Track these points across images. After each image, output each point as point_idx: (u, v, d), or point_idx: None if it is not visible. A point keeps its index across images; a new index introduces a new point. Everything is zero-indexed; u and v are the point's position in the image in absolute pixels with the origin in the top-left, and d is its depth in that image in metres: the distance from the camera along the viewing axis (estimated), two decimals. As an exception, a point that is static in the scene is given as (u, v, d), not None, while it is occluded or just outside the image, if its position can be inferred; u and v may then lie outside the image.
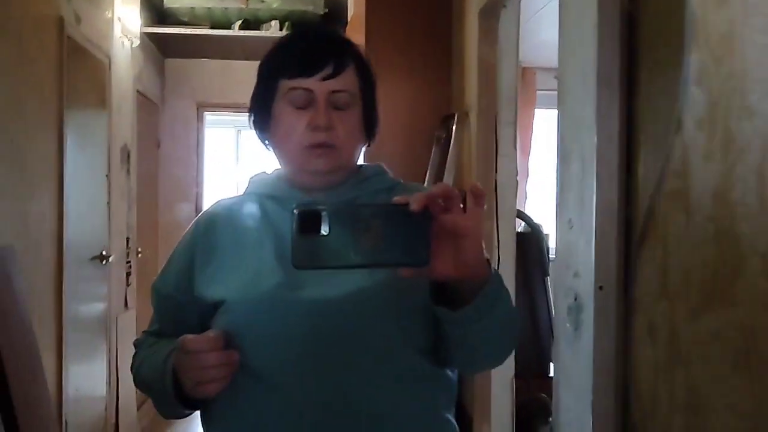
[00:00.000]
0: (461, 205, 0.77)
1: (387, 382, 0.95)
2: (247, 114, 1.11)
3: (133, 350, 1.15)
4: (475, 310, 0.84)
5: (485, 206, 0.79)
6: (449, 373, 1.04)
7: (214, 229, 1.07)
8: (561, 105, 1.69)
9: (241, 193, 1.13)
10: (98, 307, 3.43)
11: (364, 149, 1.12)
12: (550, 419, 1.81)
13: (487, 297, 0.84)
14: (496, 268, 2.64)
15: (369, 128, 1.09)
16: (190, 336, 0.94)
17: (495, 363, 1.04)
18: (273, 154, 1.10)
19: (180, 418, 1.06)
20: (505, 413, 2.64)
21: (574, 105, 1.60)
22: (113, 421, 3.62)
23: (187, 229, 1.13)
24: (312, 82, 1.00)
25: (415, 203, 0.73)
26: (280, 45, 1.07)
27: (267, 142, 1.10)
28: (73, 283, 2.94)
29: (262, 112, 1.07)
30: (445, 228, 0.75)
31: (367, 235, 0.72)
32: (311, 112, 1.01)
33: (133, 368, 1.12)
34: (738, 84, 0.57)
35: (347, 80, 1.03)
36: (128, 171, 3.89)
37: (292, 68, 1.02)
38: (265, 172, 1.14)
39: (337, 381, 0.94)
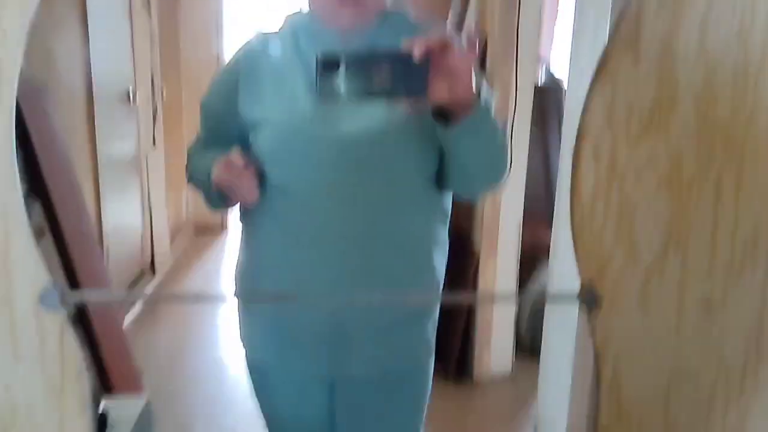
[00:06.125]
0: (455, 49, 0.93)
1: (397, 199, 1.15)
2: None
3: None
4: (465, 126, 1.01)
5: (477, 51, 0.96)
6: (445, 198, 1.24)
7: (255, 56, 1.21)
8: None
9: (277, 30, 1.25)
10: (128, 145, 3.58)
11: None
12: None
13: (475, 118, 1.01)
14: (513, 118, 2.68)
15: None
16: (216, 167, 1.14)
17: (485, 184, 1.20)
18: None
19: (226, 210, 1.29)
20: (512, 252, 2.83)
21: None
22: (149, 251, 3.91)
23: (231, 57, 1.27)
24: None
25: (416, 49, 0.89)
26: None
27: None
28: (104, 122, 3.07)
29: None
30: (440, 67, 0.92)
31: (377, 75, 0.89)
32: None
33: (187, 172, 1.32)
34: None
35: None
36: (149, 12, 3.87)
37: None
38: (300, 12, 1.25)
39: (356, 198, 1.13)
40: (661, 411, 0.72)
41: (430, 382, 1.33)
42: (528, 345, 3.09)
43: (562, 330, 1.76)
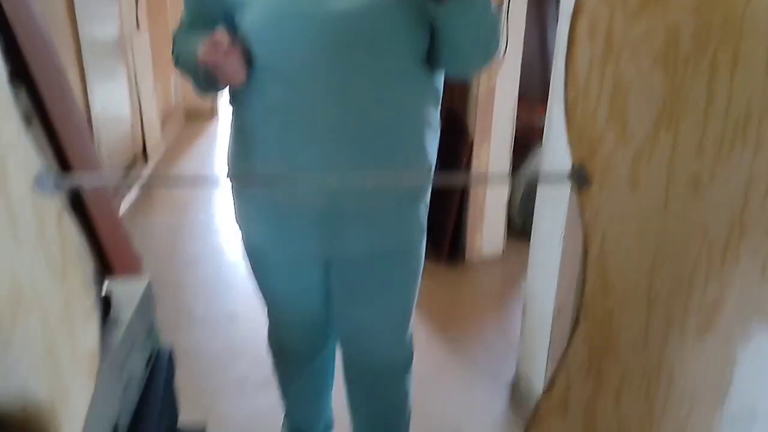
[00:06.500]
0: None
1: (387, 78, 1.14)
2: None
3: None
4: (457, 4, 1.01)
5: None
6: (436, 79, 1.23)
7: None
8: None
9: None
10: (111, 28, 3.45)
11: None
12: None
13: None
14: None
15: None
16: (202, 48, 1.09)
17: (476, 62, 1.19)
18: None
19: (215, 93, 1.28)
20: (506, 135, 2.82)
21: None
22: (140, 138, 3.88)
23: None
24: None
25: None
26: None
27: None
28: (83, 2, 2.94)
29: None
30: None
31: None
32: None
33: (173, 56, 1.28)
34: None
35: None
36: None
37: None
38: None
39: (345, 77, 1.11)
40: (644, 285, 0.75)
41: (422, 262, 1.37)
42: (519, 227, 3.16)
43: (553, 210, 1.79)
